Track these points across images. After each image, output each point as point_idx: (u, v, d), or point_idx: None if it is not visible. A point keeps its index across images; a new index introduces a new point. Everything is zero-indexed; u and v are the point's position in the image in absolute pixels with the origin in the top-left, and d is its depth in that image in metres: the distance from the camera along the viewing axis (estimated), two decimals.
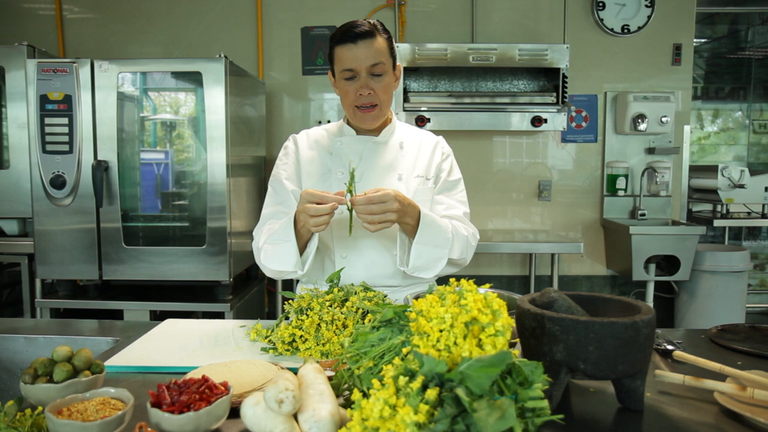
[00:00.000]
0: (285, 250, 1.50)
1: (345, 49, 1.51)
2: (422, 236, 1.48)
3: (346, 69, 1.52)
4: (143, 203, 3.03)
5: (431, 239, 1.50)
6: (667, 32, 3.73)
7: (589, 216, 3.86)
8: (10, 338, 1.48)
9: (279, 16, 3.74)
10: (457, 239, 1.57)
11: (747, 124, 4.77)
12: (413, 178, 1.66)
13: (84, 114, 2.72)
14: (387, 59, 1.55)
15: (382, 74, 1.54)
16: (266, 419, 0.83)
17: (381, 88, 1.55)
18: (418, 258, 1.50)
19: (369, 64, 1.51)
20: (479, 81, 3.67)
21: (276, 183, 1.69)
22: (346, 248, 1.63)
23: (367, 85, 1.53)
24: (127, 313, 2.79)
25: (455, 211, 1.67)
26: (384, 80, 1.55)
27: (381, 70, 1.53)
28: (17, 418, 0.87)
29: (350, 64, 1.52)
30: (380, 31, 1.54)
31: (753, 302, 4.39)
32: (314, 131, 1.76)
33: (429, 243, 1.49)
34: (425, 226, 1.48)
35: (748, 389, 0.97)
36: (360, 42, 1.50)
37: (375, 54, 1.51)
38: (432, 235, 1.50)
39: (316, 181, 1.65)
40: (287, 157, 1.72)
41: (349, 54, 1.51)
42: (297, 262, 1.50)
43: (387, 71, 1.55)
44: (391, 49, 1.57)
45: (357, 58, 1.51)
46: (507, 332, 0.82)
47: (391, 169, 1.66)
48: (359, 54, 1.50)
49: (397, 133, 1.71)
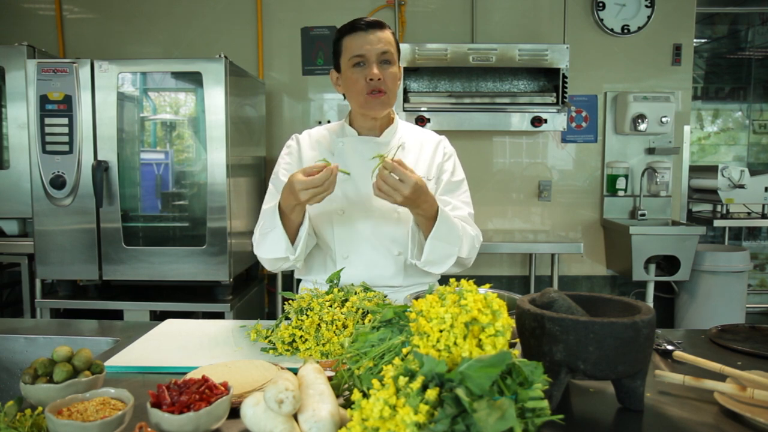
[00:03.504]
0: (274, 237, 1.51)
1: (356, 36, 1.55)
2: (438, 231, 1.49)
3: (356, 55, 1.55)
4: (143, 203, 3.03)
5: (445, 235, 1.51)
6: (667, 32, 3.73)
7: (589, 216, 3.86)
8: (10, 338, 1.48)
9: (279, 16, 3.74)
10: (465, 238, 1.59)
11: (747, 124, 4.77)
12: None
13: (84, 114, 2.72)
14: (394, 51, 1.58)
15: (391, 62, 1.57)
16: (266, 419, 0.83)
17: (389, 76, 1.57)
18: (431, 252, 1.50)
19: (379, 50, 1.54)
20: (479, 81, 3.67)
21: (276, 181, 1.69)
22: (348, 248, 1.63)
23: (378, 70, 1.55)
24: (127, 314, 2.79)
25: (460, 212, 1.67)
26: (392, 69, 1.58)
27: (390, 57, 1.56)
28: (17, 418, 0.87)
29: (360, 50, 1.54)
30: (386, 25, 1.60)
31: (753, 302, 4.39)
32: (316, 131, 1.76)
33: (443, 239, 1.50)
34: (442, 221, 1.49)
35: (748, 389, 0.97)
36: (370, 30, 1.55)
37: (385, 42, 1.55)
38: (446, 231, 1.50)
39: None
40: (290, 156, 1.73)
41: (360, 41, 1.54)
42: (287, 248, 1.51)
43: (394, 62, 1.59)
44: (396, 44, 1.61)
45: (368, 43, 1.54)
46: (507, 332, 0.82)
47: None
48: (370, 40, 1.54)
49: (399, 133, 1.71)
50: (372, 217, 1.62)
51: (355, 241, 1.62)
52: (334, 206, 1.62)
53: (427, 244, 1.50)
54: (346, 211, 1.62)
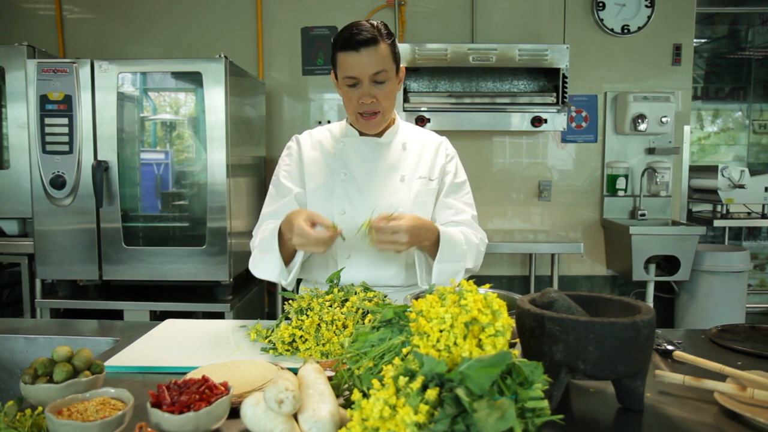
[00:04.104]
0: (269, 261, 1.52)
1: (347, 56, 1.49)
2: (442, 254, 1.52)
3: (349, 76, 1.51)
4: (143, 203, 3.02)
5: (450, 256, 1.53)
6: (667, 32, 3.73)
7: (589, 216, 3.86)
8: (10, 338, 1.48)
9: (279, 16, 3.74)
10: (470, 250, 1.60)
11: (747, 124, 4.77)
12: (416, 180, 1.66)
13: (84, 114, 2.72)
14: (390, 65, 1.52)
15: (385, 81, 1.52)
16: (266, 419, 0.83)
17: (383, 96, 1.54)
18: (439, 276, 1.53)
19: (372, 72, 1.49)
20: (479, 81, 3.67)
21: (277, 183, 1.70)
22: (350, 248, 1.63)
23: (370, 93, 1.52)
24: (127, 313, 2.79)
25: (464, 216, 1.68)
26: (386, 87, 1.53)
27: (384, 77, 1.51)
28: (17, 418, 0.87)
29: (353, 72, 1.49)
30: (383, 36, 1.51)
31: (753, 302, 4.39)
32: (317, 132, 1.75)
33: (448, 260, 1.53)
34: (445, 244, 1.52)
35: (748, 389, 0.97)
36: (363, 50, 1.47)
37: (378, 62, 1.49)
38: (450, 251, 1.53)
39: (319, 182, 1.66)
40: (290, 157, 1.72)
41: (352, 61, 1.48)
42: (281, 273, 1.52)
43: (390, 78, 1.53)
44: (394, 54, 1.54)
45: (360, 66, 1.48)
46: (507, 332, 0.82)
47: (394, 170, 1.66)
48: (362, 61, 1.48)
49: (401, 134, 1.71)
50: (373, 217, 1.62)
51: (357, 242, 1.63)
52: (336, 207, 1.62)
53: (435, 269, 1.52)
54: (347, 211, 1.62)
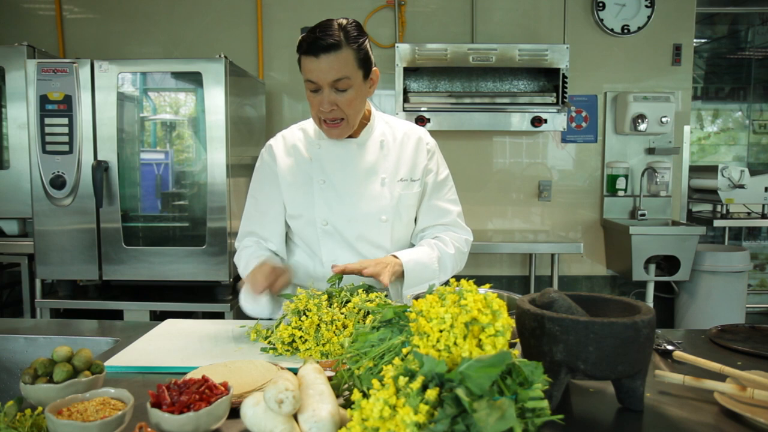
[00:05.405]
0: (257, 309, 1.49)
1: (308, 60, 1.42)
2: (409, 281, 1.52)
3: (309, 80, 1.45)
4: (143, 203, 3.02)
5: (418, 279, 1.54)
6: (667, 32, 3.73)
7: (589, 216, 3.86)
8: (10, 338, 1.48)
9: (279, 16, 3.74)
10: (443, 267, 1.60)
11: (747, 124, 4.77)
12: (397, 182, 1.61)
13: (84, 114, 2.72)
14: (354, 71, 1.44)
15: (347, 89, 1.45)
16: (266, 419, 0.83)
17: (345, 103, 1.47)
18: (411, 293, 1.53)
19: (331, 79, 1.42)
20: (479, 81, 3.67)
21: (253, 200, 1.70)
22: (335, 255, 1.62)
23: (329, 100, 1.45)
24: (127, 314, 2.79)
25: (448, 218, 1.67)
26: (348, 95, 1.46)
27: (345, 85, 1.44)
28: (17, 418, 0.87)
29: (312, 77, 1.43)
30: (349, 40, 1.42)
31: (753, 302, 4.39)
32: (291, 134, 1.69)
33: (417, 283, 1.54)
34: (409, 272, 1.52)
35: (748, 389, 0.97)
36: (323, 56, 1.40)
37: (339, 68, 1.41)
38: (418, 276, 1.54)
39: (297, 192, 1.62)
40: (262, 172, 1.68)
41: (312, 66, 1.42)
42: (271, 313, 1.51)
43: (352, 85, 1.45)
44: (361, 60, 1.45)
45: (319, 72, 1.42)
46: (507, 332, 0.82)
47: (373, 173, 1.61)
48: (322, 68, 1.41)
49: (377, 131, 1.65)
50: (356, 224, 1.60)
51: (340, 247, 1.62)
52: (318, 218, 1.60)
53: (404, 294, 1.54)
54: (329, 221, 1.60)
